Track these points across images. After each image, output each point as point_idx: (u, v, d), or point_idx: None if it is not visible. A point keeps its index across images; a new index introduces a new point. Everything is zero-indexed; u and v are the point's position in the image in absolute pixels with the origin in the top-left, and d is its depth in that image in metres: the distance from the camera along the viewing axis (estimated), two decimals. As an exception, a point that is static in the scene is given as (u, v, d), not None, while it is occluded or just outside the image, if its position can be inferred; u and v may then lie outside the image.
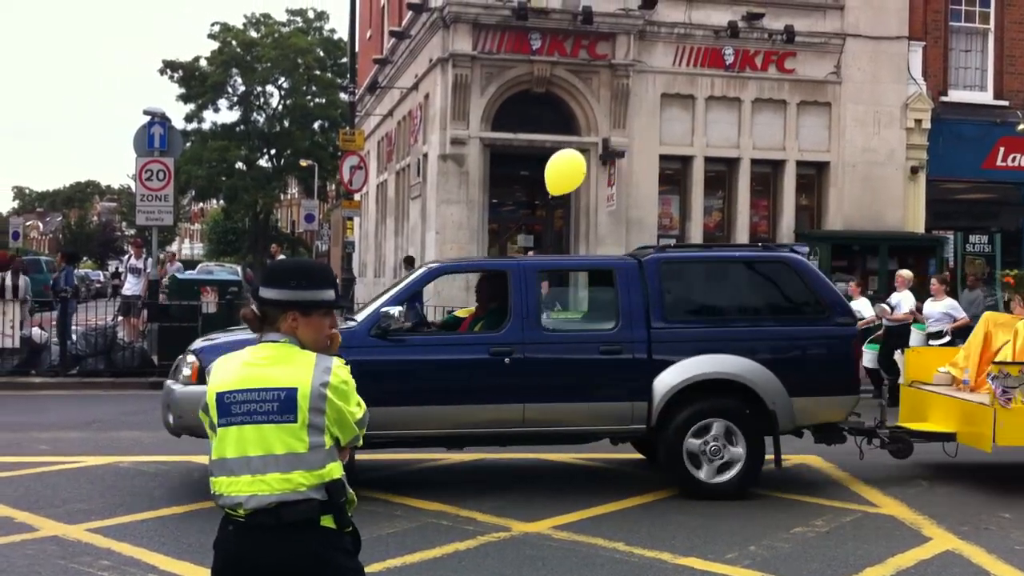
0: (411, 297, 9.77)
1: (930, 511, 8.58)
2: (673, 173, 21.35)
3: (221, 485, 3.33)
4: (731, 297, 9.70)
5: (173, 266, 24.34)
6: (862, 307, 15.02)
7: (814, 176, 21.86)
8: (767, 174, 21.66)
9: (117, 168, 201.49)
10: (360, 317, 9.09)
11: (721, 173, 21.50)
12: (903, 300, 15.25)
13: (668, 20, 20.66)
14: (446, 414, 8.79)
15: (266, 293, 3.45)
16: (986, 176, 22.40)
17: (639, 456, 10.63)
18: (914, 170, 21.71)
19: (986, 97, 22.46)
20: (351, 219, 27.49)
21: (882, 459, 10.59)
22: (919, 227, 21.82)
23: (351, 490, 3.43)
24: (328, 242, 45.59)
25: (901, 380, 11.29)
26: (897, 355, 14.18)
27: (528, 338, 8.78)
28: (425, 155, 21.72)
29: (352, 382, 3.44)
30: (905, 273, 15.88)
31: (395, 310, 8.74)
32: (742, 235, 21.06)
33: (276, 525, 3.27)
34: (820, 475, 10.20)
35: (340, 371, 3.39)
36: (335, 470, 3.36)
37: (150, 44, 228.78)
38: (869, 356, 14.81)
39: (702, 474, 8.87)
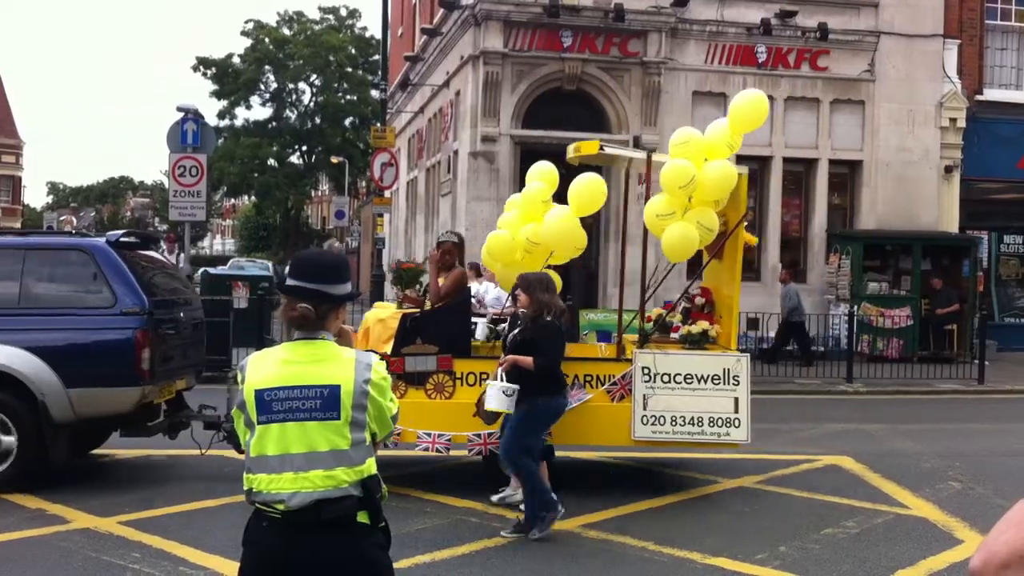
0: None
1: (963, 513, 8.50)
2: (704, 171, 21.22)
3: (260, 482, 3.30)
4: (14, 285, 9.27)
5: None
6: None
7: (847, 175, 21.68)
8: (799, 173, 21.51)
9: (150, 164, 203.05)
10: None
11: (753, 171, 21.32)
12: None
13: (700, 17, 20.57)
14: None
15: (339, 290, 3.46)
16: (1021, 176, 22.15)
17: (667, 455, 10.60)
18: (948, 169, 21.51)
19: (1022, 96, 22.22)
20: (381, 216, 27.56)
21: (915, 461, 10.52)
22: (953, 227, 21.62)
23: (384, 485, 3.44)
24: (359, 238, 45.77)
25: None
26: None
27: None
28: (456, 152, 21.75)
29: (389, 378, 3.46)
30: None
31: None
32: (774, 234, 20.94)
33: (315, 522, 3.27)
34: (851, 476, 10.11)
35: (379, 367, 3.41)
36: (372, 466, 3.37)
37: (183, 41, 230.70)
38: None
39: None
